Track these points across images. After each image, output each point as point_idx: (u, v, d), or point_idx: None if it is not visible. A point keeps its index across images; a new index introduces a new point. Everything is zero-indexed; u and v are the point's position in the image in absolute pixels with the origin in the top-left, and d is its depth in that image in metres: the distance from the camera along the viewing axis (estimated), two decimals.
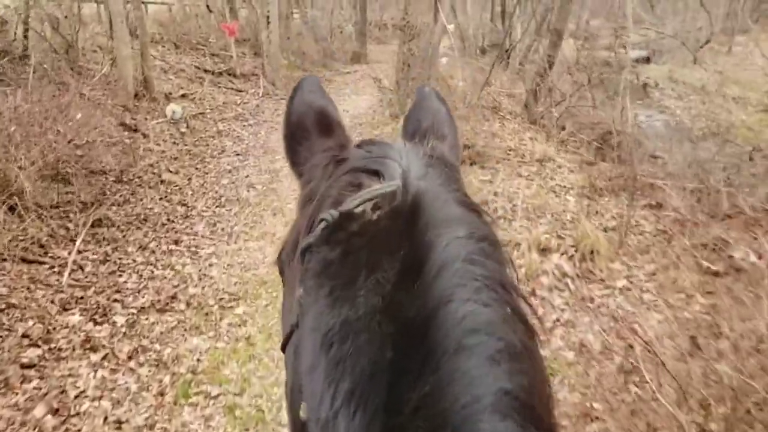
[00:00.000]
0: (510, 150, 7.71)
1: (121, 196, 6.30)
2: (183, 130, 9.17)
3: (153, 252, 5.35)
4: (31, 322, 3.94)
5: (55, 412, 3.30)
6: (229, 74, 13.48)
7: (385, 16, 31.91)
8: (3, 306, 4.01)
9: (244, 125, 10.54)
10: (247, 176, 7.78)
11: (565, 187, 6.65)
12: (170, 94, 10.57)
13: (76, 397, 3.45)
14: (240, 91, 12.81)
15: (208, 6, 15.57)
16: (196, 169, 7.87)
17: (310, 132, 0.94)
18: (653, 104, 17.99)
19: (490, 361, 0.50)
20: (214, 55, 14.26)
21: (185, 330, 4.27)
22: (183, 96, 10.84)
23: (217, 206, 6.69)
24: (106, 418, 3.34)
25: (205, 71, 12.84)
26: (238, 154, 8.80)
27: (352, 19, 22.13)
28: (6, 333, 3.79)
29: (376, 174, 0.68)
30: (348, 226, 0.62)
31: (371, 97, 13.97)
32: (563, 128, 9.42)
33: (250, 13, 17.80)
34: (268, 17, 13.48)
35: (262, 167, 8.24)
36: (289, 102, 1.00)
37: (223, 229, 6.06)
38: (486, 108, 10.28)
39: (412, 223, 0.60)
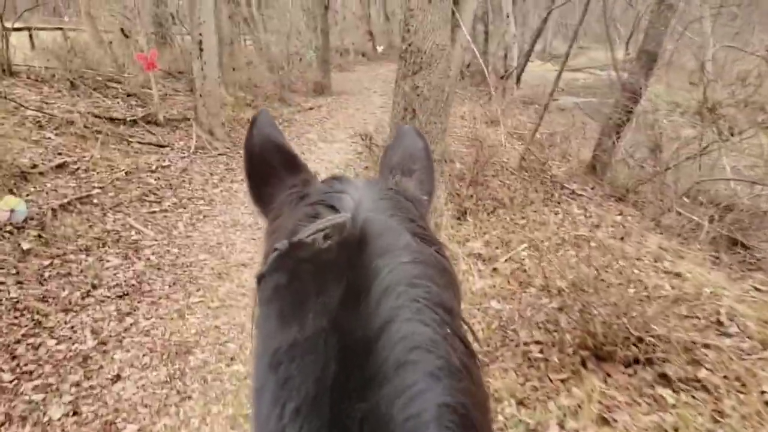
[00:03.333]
0: (684, 316, 3.44)
1: None
2: (27, 244, 4.73)
3: None
4: None
5: None
6: (149, 122, 9.02)
7: (346, 41, 27.76)
8: None
9: (152, 213, 6.12)
10: (115, 377, 3.40)
11: None
12: (34, 167, 6.10)
13: None
14: (162, 146, 8.38)
15: (122, 30, 11.04)
16: (12, 359, 3.46)
17: (277, 169, 0.82)
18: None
19: (431, 377, 0.48)
20: (130, 95, 9.78)
21: None
22: (59, 167, 6.38)
23: None
24: None
25: (111, 120, 8.35)
26: (121, 296, 4.39)
27: (312, 45, 17.85)
28: None
29: (332, 207, 0.64)
30: (297, 254, 0.59)
31: (346, 146, 9.71)
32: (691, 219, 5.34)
33: (185, 39, 13.48)
34: (200, 42, 9.11)
35: (158, 336, 3.87)
36: (249, 138, 0.85)
37: None
38: (538, 174, 6.18)
39: (358, 251, 0.57)
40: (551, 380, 2.92)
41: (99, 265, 4.83)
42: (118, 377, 3.38)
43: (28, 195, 5.46)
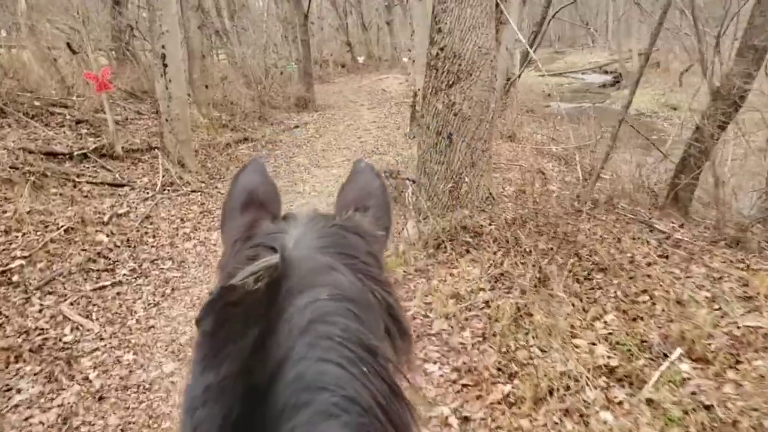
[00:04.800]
0: None
1: None
2: None
3: None
4: None
5: None
6: (103, 155, 7.14)
7: (324, 53, 26.03)
8: None
9: (100, 290, 4.26)
10: None
11: None
12: None
13: None
14: (120, 185, 6.51)
15: (69, 44, 9.07)
16: None
17: (237, 210, 0.80)
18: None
19: (322, 416, 0.43)
20: (80, 122, 7.87)
21: None
22: None
23: None
24: None
25: (51, 155, 6.47)
26: None
27: (292, 56, 16.08)
28: None
29: (272, 248, 0.60)
30: (226, 298, 0.54)
31: (344, 172, 7.91)
32: None
33: (149, 53, 11.59)
34: (163, 57, 7.29)
35: None
36: (231, 184, 0.84)
37: None
38: (609, 212, 4.49)
39: (278, 290, 0.53)
40: None
41: (1, 401, 2.99)
42: None
43: None
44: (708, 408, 2.39)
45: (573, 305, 3.18)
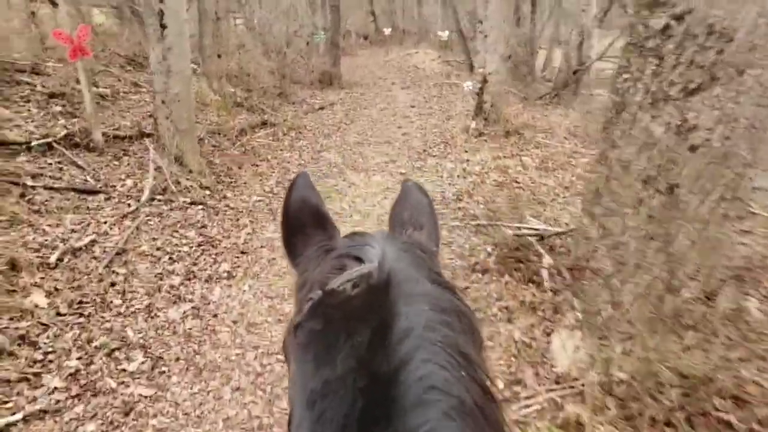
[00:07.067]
0: None
1: None
2: None
3: None
4: None
5: None
6: (76, 144, 5.13)
7: (347, 22, 23.55)
8: None
9: None
10: None
11: None
12: None
13: None
14: (90, 192, 4.51)
15: None
16: None
17: (306, 226, 0.85)
18: None
19: (444, 416, 0.48)
20: (54, 96, 5.82)
21: None
22: None
23: None
24: None
25: None
26: None
27: (320, 25, 13.79)
28: None
29: (358, 259, 0.65)
30: (329, 302, 0.60)
31: (392, 182, 5.88)
32: None
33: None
34: (161, 15, 5.21)
35: None
36: (287, 199, 0.88)
37: None
38: None
39: (383, 297, 0.57)
40: None
41: None
42: None
43: None
44: None
45: None
